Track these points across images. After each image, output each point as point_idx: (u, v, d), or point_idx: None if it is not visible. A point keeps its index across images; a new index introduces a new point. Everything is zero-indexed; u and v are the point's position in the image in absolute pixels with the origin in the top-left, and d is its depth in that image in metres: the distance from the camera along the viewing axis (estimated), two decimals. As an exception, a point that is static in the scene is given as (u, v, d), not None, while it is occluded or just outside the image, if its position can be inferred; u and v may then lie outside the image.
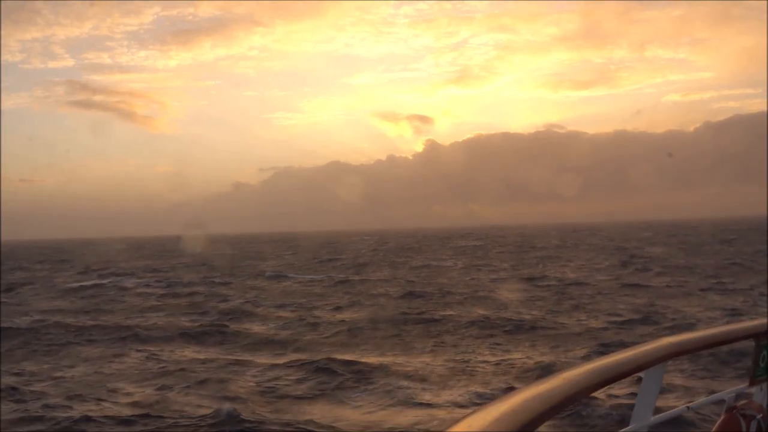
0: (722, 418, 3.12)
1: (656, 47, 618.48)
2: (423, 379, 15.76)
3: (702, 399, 3.46)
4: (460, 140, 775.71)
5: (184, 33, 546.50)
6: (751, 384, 3.34)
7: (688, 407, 3.24)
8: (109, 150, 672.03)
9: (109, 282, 44.01)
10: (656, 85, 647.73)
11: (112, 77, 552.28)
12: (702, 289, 31.22)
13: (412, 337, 21.46)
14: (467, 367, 16.94)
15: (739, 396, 3.26)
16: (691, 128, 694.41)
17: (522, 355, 18.14)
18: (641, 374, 2.67)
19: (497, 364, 17.20)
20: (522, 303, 28.66)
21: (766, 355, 3.34)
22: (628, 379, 2.70)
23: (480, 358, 17.96)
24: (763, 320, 3.34)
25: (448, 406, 13.50)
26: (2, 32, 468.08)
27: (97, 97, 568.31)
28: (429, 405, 13.69)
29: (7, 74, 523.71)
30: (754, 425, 3.06)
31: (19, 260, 79.68)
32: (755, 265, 42.05)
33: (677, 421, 9.29)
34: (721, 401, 3.25)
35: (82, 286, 41.77)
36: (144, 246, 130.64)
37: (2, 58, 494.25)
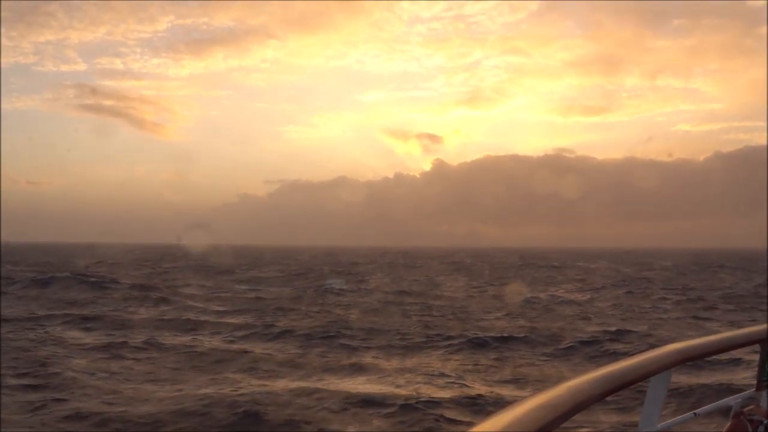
0: (729, 423, 3.10)
1: (668, 76, 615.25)
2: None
3: (708, 405, 3.35)
4: (469, 161, 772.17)
5: (198, 42, 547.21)
6: (758, 389, 3.36)
7: (694, 413, 3.17)
8: (117, 155, 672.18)
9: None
10: (667, 114, 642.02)
11: (123, 83, 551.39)
12: (689, 315, 30.18)
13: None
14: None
15: (745, 401, 3.22)
16: (701, 158, 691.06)
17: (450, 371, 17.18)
18: (647, 381, 2.61)
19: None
20: (492, 318, 27.67)
21: None
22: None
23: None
24: None
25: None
26: (16, 33, 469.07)
27: (107, 102, 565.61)
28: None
29: (19, 76, 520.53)
30: (761, 430, 3.02)
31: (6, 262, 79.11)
32: (748, 294, 40.74)
33: (684, 428, 8.85)
34: (728, 407, 3.21)
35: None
36: (142, 252, 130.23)
37: (14, 60, 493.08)
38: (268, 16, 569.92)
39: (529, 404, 1.65)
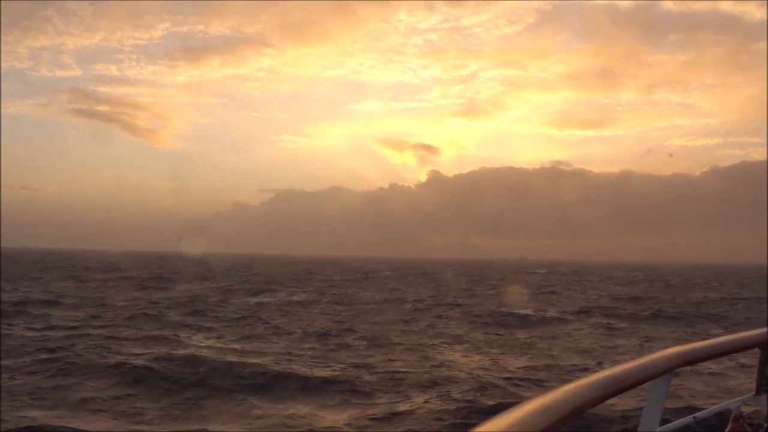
0: (729, 427, 3.12)
1: (664, 91, 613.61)
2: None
3: (708, 409, 3.21)
4: (465, 172, 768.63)
5: (193, 50, 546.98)
6: (758, 393, 3.37)
7: (694, 417, 3.11)
8: (110, 161, 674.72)
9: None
10: (662, 128, 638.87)
11: (118, 89, 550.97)
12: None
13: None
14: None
15: (745, 405, 3.22)
16: (698, 172, 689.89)
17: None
18: (647, 385, 2.54)
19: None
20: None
21: None
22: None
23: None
24: None
25: None
26: (11, 38, 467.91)
27: (101, 108, 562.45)
28: None
29: (14, 81, 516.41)
30: None
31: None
32: (714, 312, 38.79)
33: None
34: (728, 411, 3.23)
35: None
36: (126, 259, 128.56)
37: (10, 65, 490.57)
38: (264, 24, 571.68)
39: (528, 408, 1.59)
